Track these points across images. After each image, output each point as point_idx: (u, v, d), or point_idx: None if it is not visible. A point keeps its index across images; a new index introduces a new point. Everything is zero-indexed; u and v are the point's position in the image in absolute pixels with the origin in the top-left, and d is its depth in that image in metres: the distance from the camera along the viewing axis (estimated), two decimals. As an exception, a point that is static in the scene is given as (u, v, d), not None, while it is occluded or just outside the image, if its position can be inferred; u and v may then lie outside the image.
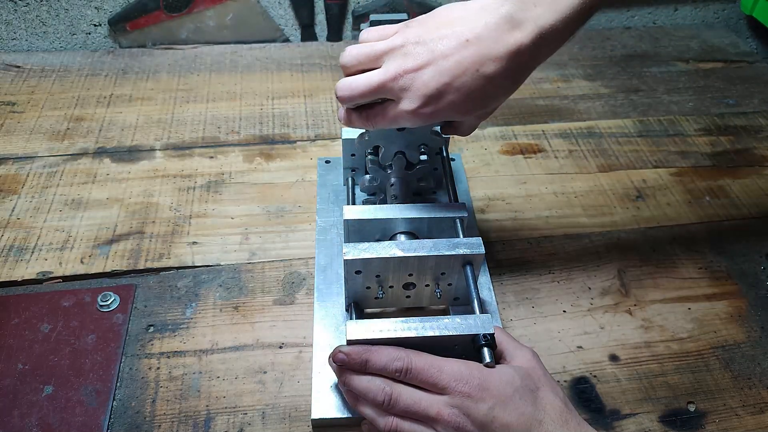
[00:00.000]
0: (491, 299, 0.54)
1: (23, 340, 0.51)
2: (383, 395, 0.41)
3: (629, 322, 0.56)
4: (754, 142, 0.77)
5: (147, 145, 0.72)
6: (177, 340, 0.53)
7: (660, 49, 0.96)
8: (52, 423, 0.46)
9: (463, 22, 0.41)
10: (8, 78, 0.82)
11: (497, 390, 0.39)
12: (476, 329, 0.42)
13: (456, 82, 0.41)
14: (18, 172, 0.68)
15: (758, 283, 0.60)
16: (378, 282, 0.48)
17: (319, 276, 0.56)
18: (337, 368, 0.43)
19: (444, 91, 0.41)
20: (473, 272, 0.47)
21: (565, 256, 0.61)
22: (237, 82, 0.84)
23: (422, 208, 0.51)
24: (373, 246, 0.46)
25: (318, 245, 0.59)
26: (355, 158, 0.60)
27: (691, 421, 0.49)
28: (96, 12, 0.88)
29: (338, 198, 0.64)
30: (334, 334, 0.51)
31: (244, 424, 0.47)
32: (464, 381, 0.39)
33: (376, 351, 0.41)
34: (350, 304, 0.49)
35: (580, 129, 0.78)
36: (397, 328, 0.42)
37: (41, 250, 0.59)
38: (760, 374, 0.52)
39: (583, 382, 0.51)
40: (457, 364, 0.41)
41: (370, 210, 0.50)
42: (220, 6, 0.89)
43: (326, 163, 0.68)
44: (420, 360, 0.41)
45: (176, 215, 0.64)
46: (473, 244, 0.47)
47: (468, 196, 0.66)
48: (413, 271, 0.47)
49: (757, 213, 0.67)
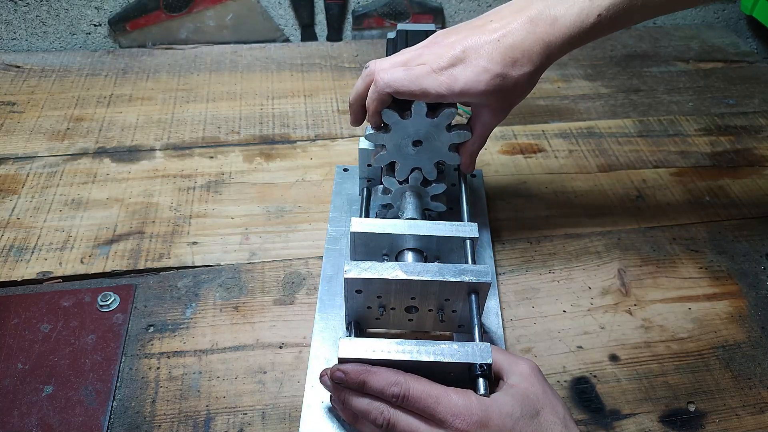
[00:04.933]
0: (498, 325, 0.53)
1: (23, 340, 0.51)
2: (382, 419, 0.40)
3: (629, 322, 0.56)
4: (754, 142, 0.77)
5: (147, 145, 0.72)
6: (177, 340, 0.53)
7: (660, 49, 0.96)
8: (52, 423, 0.46)
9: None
10: (8, 78, 0.82)
11: (497, 426, 0.38)
12: (473, 358, 0.40)
13: (479, 47, 0.46)
14: (18, 172, 0.68)
15: (758, 283, 0.60)
16: (379, 303, 0.46)
17: (324, 286, 0.55)
18: (334, 386, 0.42)
19: (469, 49, 0.46)
20: (478, 301, 0.45)
21: (565, 256, 0.61)
22: (237, 82, 0.84)
23: (432, 225, 0.49)
24: (375, 266, 0.44)
25: (326, 254, 0.58)
26: (371, 169, 0.59)
27: (691, 421, 0.49)
28: (96, 12, 0.88)
29: (352, 208, 0.63)
30: (331, 348, 0.51)
31: (244, 424, 0.47)
32: (462, 417, 0.38)
33: (374, 373, 0.40)
34: (350, 322, 0.48)
35: (580, 129, 0.78)
36: (391, 350, 0.40)
37: (41, 250, 0.59)
38: (760, 374, 0.52)
39: (583, 382, 0.51)
40: (456, 395, 0.39)
41: (378, 224, 0.49)
42: (220, 6, 0.89)
43: (344, 171, 0.67)
44: (418, 387, 0.39)
45: (176, 215, 0.64)
46: (480, 271, 0.44)
47: (486, 216, 0.64)
48: (416, 295, 0.45)
49: (757, 213, 0.67)
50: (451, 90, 0.46)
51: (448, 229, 0.49)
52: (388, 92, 0.47)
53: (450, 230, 0.49)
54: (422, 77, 0.46)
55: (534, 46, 0.46)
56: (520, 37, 0.46)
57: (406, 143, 0.52)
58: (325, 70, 0.87)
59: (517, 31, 0.46)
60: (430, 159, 0.54)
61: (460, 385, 0.40)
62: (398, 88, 0.47)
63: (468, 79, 0.46)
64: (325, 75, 0.86)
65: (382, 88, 0.47)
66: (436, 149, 0.53)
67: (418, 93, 0.47)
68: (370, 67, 0.49)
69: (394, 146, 0.52)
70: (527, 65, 0.47)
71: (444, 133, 0.51)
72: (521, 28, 0.46)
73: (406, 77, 0.47)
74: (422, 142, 0.52)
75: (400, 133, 0.51)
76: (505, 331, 0.54)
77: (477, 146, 0.53)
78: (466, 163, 0.54)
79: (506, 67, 0.46)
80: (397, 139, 0.52)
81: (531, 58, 0.47)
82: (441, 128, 0.51)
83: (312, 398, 0.47)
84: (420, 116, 0.50)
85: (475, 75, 0.46)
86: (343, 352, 0.41)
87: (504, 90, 0.47)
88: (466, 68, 0.46)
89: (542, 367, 0.46)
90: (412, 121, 0.50)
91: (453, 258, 0.50)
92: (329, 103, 0.81)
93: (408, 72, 0.47)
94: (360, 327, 0.49)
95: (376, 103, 0.49)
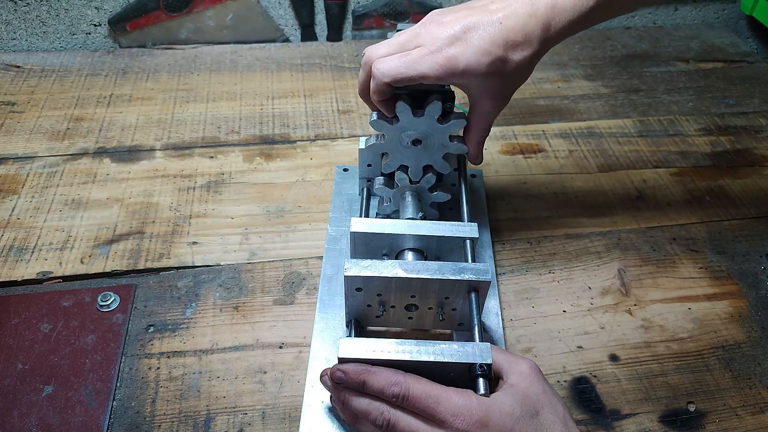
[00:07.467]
0: (498, 325, 0.53)
1: (23, 340, 0.51)
2: (382, 419, 0.40)
3: (629, 322, 0.56)
4: (754, 142, 0.77)
5: (147, 145, 0.72)
6: (177, 340, 0.53)
7: (660, 49, 0.96)
8: (52, 423, 0.46)
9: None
10: (8, 78, 0.82)
11: (497, 426, 0.38)
12: (473, 358, 0.40)
13: (480, 28, 0.45)
14: (18, 172, 0.68)
15: (758, 283, 0.60)
16: (379, 301, 0.46)
17: (324, 286, 0.55)
18: (334, 386, 0.42)
19: (469, 29, 0.45)
20: (478, 299, 0.45)
21: (565, 256, 0.61)
22: (237, 82, 0.84)
23: (432, 225, 0.49)
24: (375, 264, 0.44)
25: (326, 254, 0.58)
26: (371, 168, 0.59)
27: (691, 421, 0.49)
28: (96, 12, 0.88)
29: (352, 208, 0.63)
30: (331, 348, 0.51)
31: (244, 424, 0.47)
32: (462, 417, 0.38)
33: (374, 373, 0.40)
34: (351, 320, 0.48)
35: (580, 129, 0.78)
36: (391, 350, 0.40)
37: (41, 250, 0.59)
38: (760, 374, 0.52)
39: (583, 382, 0.51)
40: (456, 395, 0.39)
41: (378, 224, 0.49)
42: (220, 6, 0.89)
43: (344, 171, 0.67)
44: (418, 387, 0.39)
45: (176, 215, 0.64)
46: (480, 270, 0.44)
47: (486, 216, 0.64)
48: (416, 293, 0.45)
49: (757, 213, 0.67)
50: (452, 72, 0.45)
51: (448, 229, 0.49)
52: (386, 82, 0.46)
53: (450, 230, 0.49)
54: (419, 61, 0.45)
55: (535, 29, 0.46)
56: (521, 20, 0.45)
57: (404, 138, 0.52)
58: (325, 70, 0.87)
59: (518, 13, 0.46)
60: (421, 159, 0.53)
61: (460, 385, 0.40)
62: (395, 77, 0.46)
63: (469, 60, 0.45)
64: (325, 75, 0.86)
65: (380, 79, 0.46)
66: (432, 150, 0.52)
67: (417, 78, 0.45)
68: (366, 55, 0.48)
69: (392, 138, 0.52)
70: (527, 49, 0.46)
71: (444, 133, 0.51)
72: (522, 11, 0.46)
73: (401, 64, 0.45)
74: (421, 141, 0.52)
75: (402, 128, 0.51)
76: (505, 331, 0.54)
77: (482, 135, 0.52)
78: (473, 154, 0.53)
79: (508, 50, 0.45)
80: (398, 133, 0.52)
81: (531, 42, 0.46)
82: (445, 132, 0.51)
83: (312, 398, 0.47)
84: (431, 118, 0.50)
85: (476, 57, 0.45)
86: (343, 352, 0.41)
87: (504, 74, 0.47)
88: (467, 48, 0.45)
89: (542, 367, 0.46)
90: (421, 120, 0.50)
91: (453, 258, 0.50)
92: (329, 103, 0.81)
93: (403, 58, 0.45)
94: (360, 325, 0.49)
95: (376, 95, 0.48)
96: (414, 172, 0.54)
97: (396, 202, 0.58)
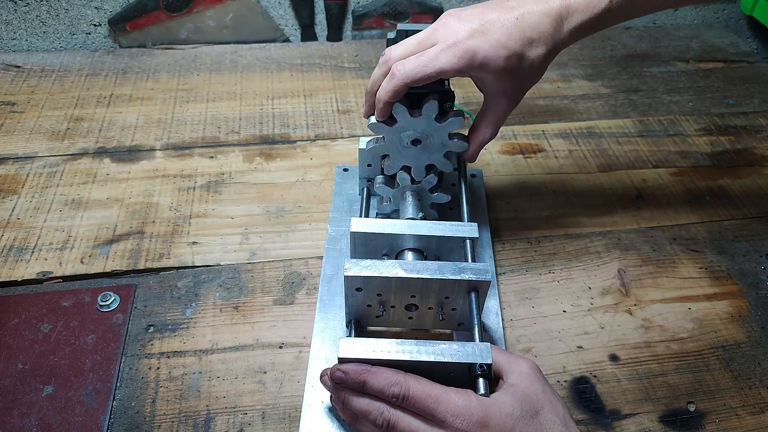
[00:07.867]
0: (498, 325, 0.53)
1: (23, 340, 0.51)
2: (382, 419, 0.40)
3: (629, 322, 0.56)
4: (754, 142, 0.77)
5: (147, 145, 0.72)
6: (177, 340, 0.53)
7: (660, 49, 0.96)
8: (52, 423, 0.46)
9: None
10: (8, 78, 0.82)
11: (497, 426, 0.38)
12: (473, 358, 0.40)
13: (497, 23, 0.46)
14: (18, 172, 0.68)
15: (758, 283, 0.60)
16: (379, 301, 0.46)
17: (324, 286, 0.55)
18: (334, 385, 0.42)
19: (487, 23, 0.46)
20: (478, 299, 0.45)
21: (565, 256, 0.61)
22: (237, 82, 0.84)
23: (432, 225, 0.49)
24: (375, 264, 0.44)
25: (326, 254, 0.58)
26: (371, 168, 0.59)
27: (691, 421, 0.49)
28: (96, 12, 0.88)
29: (352, 208, 0.63)
30: (331, 348, 0.51)
31: (244, 424, 0.47)
32: (462, 417, 0.38)
33: (374, 373, 0.40)
34: (351, 320, 0.48)
35: (580, 129, 0.78)
36: (391, 350, 0.40)
37: (41, 250, 0.59)
38: (760, 374, 0.52)
39: (583, 382, 0.51)
40: (456, 395, 0.39)
41: (378, 224, 0.49)
42: (220, 6, 0.89)
43: (344, 171, 0.67)
44: (418, 387, 0.39)
45: (176, 215, 0.64)
46: (480, 269, 0.44)
47: (486, 216, 0.63)
48: (416, 293, 0.45)
49: (757, 213, 0.67)
50: (470, 64, 0.45)
51: (448, 229, 0.49)
52: (406, 83, 0.46)
53: (450, 230, 0.49)
54: (436, 57, 0.46)
55: (549, 29, 0.47)
56: (536, 18, 0.46)
57: (404, 138, 0.52)
58: (325, 70, 0.87)
59: (533, 11, 0.47)
60: (422, 159, 0.53)
61: (460, 385, 0.40)
62: (414, 77, 0.46)
63: (487, 53, 0.45)
64: (325, 75, 0.86)
65: (400, 80, 0.46)
66: (432, 149, 0.52)
67: (435, 74, 0.46)
68: (386, 55, 0.48)
69: (392, 139, 0.52)
70: (542, 47, 0.47)
71: (443, 132, 0.51)
72: (537, 9, 0.47)
73: (420, 63, 0.46)
74: (421, 141, 0.52)
75: (401, 129, 0.51)
76: (505, 331, 0.54)
77: (489, 136, 0.52)
78: (472, 153, 0.53)
79: (524, 46, 0.46)
80: (397, 134, 0.52)
81: (545, 39, 0.47)
82: (444, 131, 0.51)
83: (312, 398, 0.47)
84: (428, 117, 0.50)
85: (494, 50, 0.45)
86: (343, 352, 0.41)
87: (520, 72, 0.47)
88: (485, 41, 0.45)
89: (542, 367, 0.46)
90: (419, 120, 0.50)
91: (453, 258, 0.50)
92: (329, 103, 0.81)
93: (420, 58, 0.46)
94: (360, 325, 0.49)
95: (391, 94, 0.47)
96: (416, 172, 0.54)
97: (396, 202, 0.58)
